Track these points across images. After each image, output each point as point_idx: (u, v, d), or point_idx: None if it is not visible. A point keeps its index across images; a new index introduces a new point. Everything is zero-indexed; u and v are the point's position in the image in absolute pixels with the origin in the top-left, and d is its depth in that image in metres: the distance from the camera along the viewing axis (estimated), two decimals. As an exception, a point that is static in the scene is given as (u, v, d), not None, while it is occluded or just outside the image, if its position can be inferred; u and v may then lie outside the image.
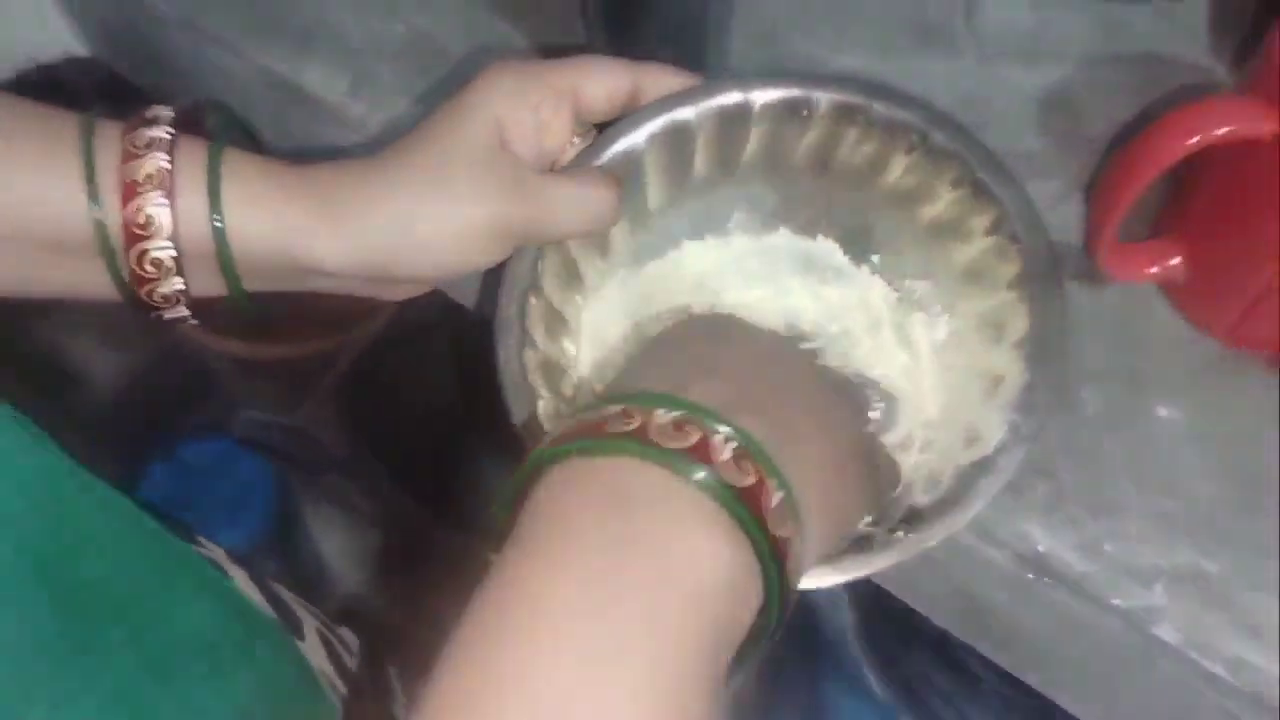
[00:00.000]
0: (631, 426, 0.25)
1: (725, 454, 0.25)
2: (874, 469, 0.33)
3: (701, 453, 0.25)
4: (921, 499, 0.34)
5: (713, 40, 0.44)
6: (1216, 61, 0.47)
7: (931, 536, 0.33)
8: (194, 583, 0.38)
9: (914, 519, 0.33)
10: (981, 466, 0.34)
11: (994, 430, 0.34)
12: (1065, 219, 0.43)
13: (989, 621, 0.41)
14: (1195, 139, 0.35)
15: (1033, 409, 0.34)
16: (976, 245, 0.37)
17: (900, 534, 0.33)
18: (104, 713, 0.31)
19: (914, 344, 0.39)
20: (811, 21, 0.50)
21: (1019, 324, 0.35)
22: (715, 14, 0.44)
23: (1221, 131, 0.35)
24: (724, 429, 0.25)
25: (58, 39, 0.60)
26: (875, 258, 0.40)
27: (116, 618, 0.33)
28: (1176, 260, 0.41)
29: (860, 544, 0.33)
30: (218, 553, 0.45)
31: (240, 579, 0.44)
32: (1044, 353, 0.35)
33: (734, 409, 0.26)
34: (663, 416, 0.25)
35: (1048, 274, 0.36)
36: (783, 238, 0.40)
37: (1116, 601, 0.36)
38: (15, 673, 0.29)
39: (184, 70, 0.54)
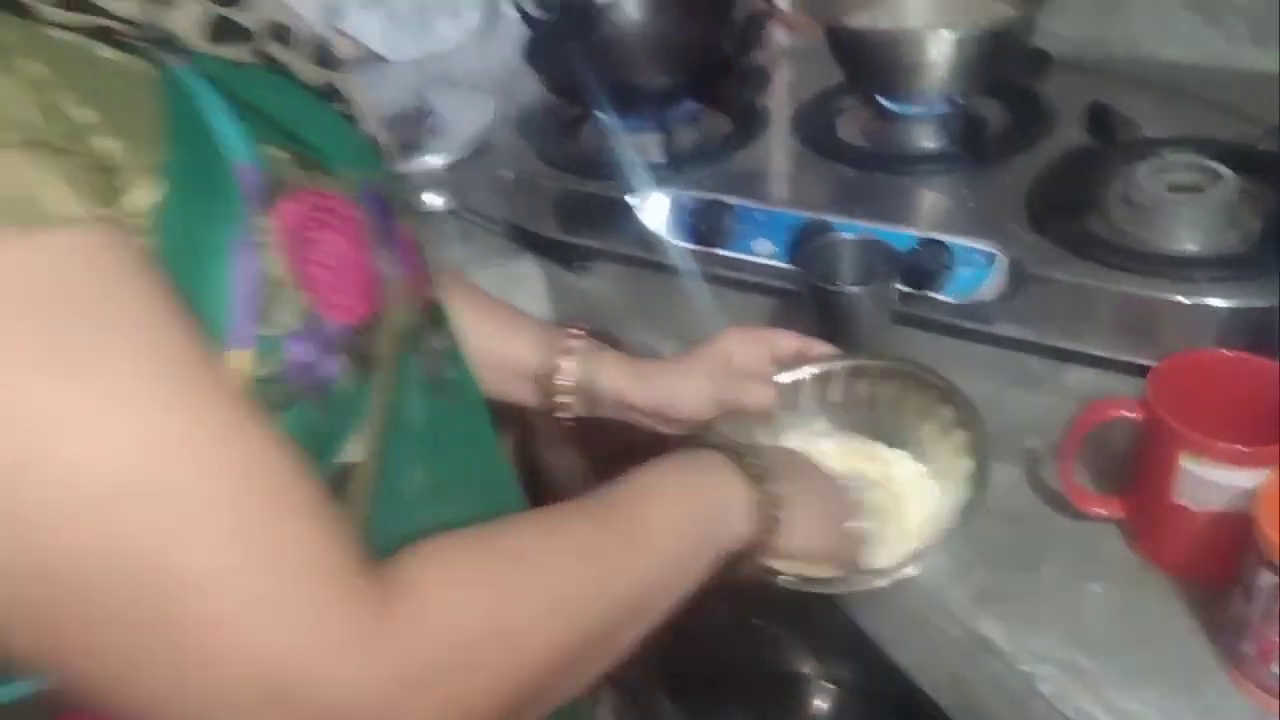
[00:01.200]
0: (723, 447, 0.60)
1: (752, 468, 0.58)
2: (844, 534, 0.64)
3: (741, 462, 0.58)
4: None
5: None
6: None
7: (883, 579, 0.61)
8: None
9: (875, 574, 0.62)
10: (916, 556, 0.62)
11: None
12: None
13: (959, 689, 0.65)
14: (1095, 419, 0.64)
15: (951, 538, 0.62)
16: (965, 461, 0.66)
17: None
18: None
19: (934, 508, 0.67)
20: (945, 360, 0.82)
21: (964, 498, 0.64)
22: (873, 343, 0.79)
23: (1111, 416, 0.63)
24: (756, 462, 0.59)
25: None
26: (929, 465, 0.70)
27: None
28: (1114, 504, 0.66)
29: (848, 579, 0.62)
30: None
31: None
32: (968, 515, 0.63)
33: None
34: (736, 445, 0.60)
35: (983, 482, 0.64)
36: (879, 447, 0.72)
37: (1022, 668, 0.60)
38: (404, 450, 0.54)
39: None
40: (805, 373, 0.73)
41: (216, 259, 0.40)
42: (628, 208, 0.94)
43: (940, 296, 0.82)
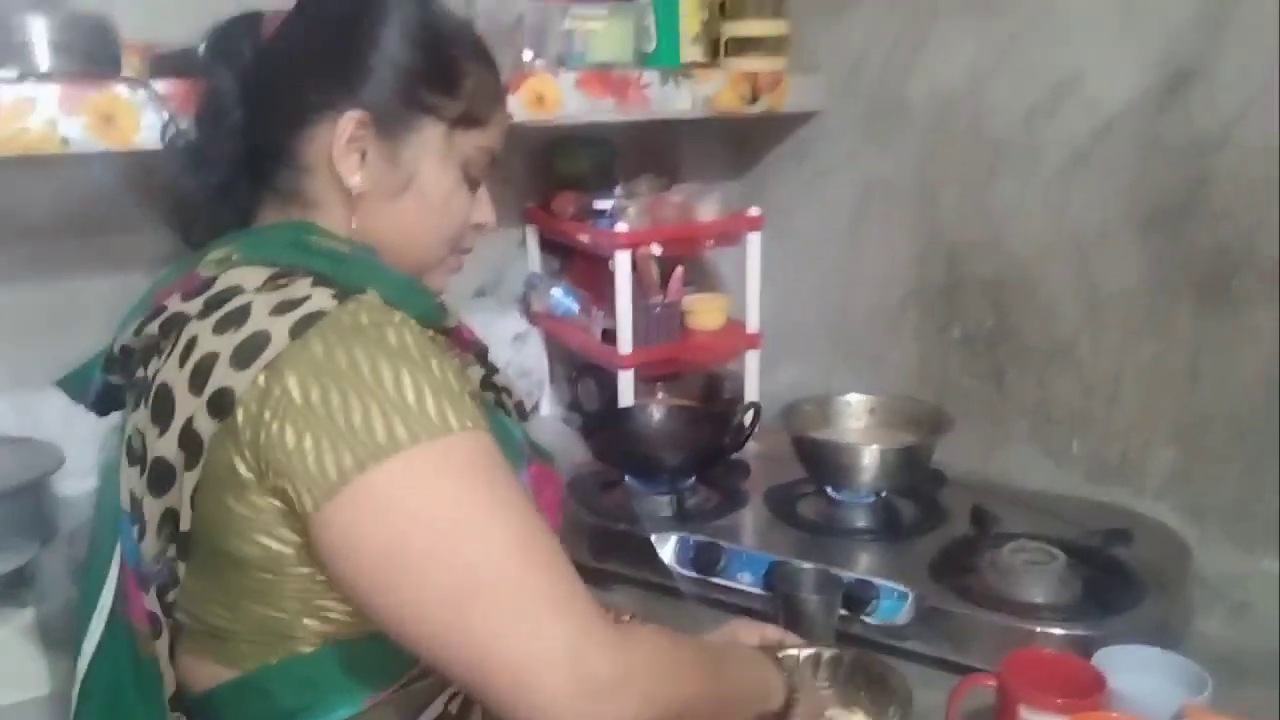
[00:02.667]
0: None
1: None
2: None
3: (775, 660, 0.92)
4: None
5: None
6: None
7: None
8: None
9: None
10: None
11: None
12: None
13: None
14: (970, 684, 0.97)
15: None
16: (896, 711, 0.98)
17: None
18: None
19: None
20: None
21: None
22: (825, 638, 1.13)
23: (980, 683, 0.97)
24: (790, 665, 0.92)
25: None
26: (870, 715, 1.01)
27: None
28: (988, 749, 0.98)
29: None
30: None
31: None
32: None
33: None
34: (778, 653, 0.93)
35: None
36: (837, 708, 1.03)
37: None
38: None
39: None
40: (786, 654, 1.06)
41: None
42: (647, 544, 1.30)
43: (869, 620, 1.17)
